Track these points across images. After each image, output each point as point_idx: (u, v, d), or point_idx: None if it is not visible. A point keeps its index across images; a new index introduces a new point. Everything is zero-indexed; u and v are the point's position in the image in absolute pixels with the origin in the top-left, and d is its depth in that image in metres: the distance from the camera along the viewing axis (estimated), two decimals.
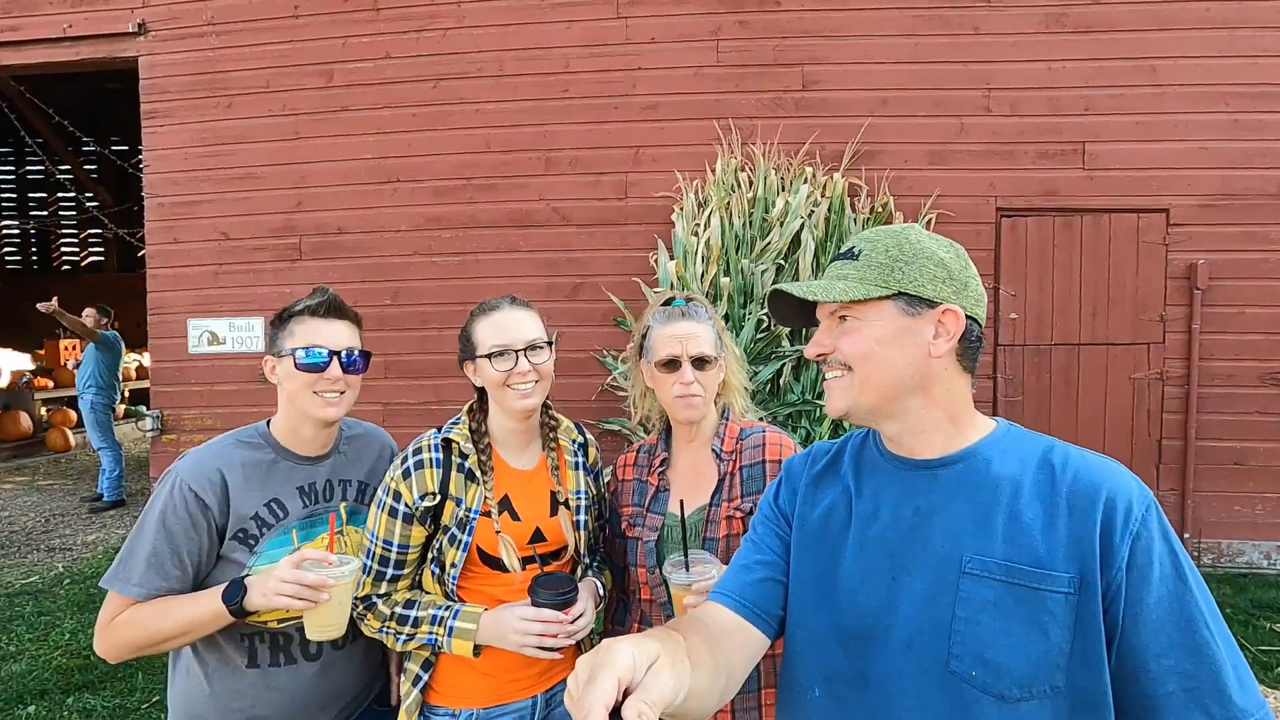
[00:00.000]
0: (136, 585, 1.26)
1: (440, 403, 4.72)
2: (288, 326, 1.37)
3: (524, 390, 1.36)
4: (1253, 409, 4.38)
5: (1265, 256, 4.35)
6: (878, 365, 0.87)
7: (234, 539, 1.31)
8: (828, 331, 0.92)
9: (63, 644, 3.55)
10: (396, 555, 1.35)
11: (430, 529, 1.37)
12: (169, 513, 1.27)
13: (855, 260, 0.89)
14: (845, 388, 0.89)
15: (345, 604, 1.26)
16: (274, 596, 1.19)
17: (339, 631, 1.27)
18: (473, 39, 4.74)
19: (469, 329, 1.42)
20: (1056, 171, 4.45)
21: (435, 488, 1.35)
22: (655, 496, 1.43)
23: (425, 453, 1.37)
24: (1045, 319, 4.49)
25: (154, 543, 1.27)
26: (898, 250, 0.88)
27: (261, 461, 1.37)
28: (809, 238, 4.00)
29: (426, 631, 1.32)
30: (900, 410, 0.88)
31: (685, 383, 1.37)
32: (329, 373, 1.35)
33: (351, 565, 1.25)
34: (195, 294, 4.98)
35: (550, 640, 1.28)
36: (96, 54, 5.08)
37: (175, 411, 5.02)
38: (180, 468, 1.32)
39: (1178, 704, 0.74)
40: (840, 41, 4.53)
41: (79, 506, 6.23)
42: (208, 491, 1.29)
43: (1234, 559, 4.39)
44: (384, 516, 1.35)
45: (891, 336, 0.86)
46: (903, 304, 0.86)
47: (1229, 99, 4.35)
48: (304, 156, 4.87)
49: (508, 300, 1.43)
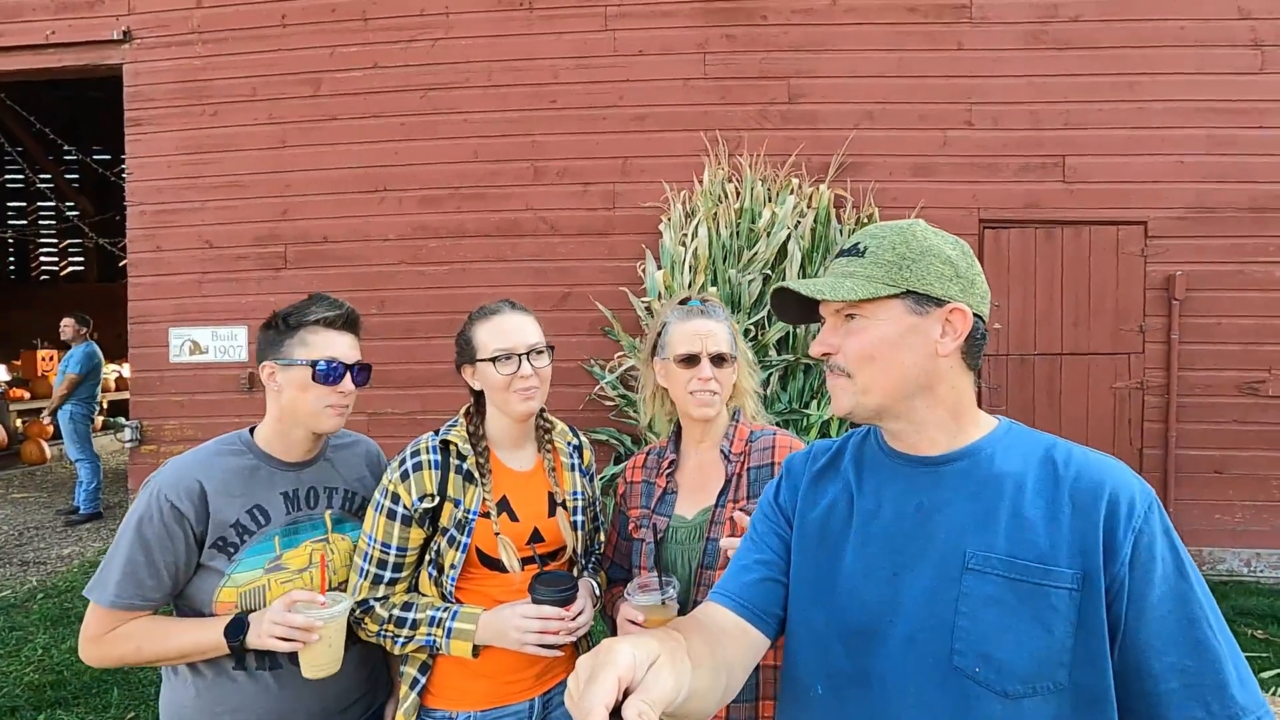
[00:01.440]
0: (113, 595, 1.24)
1: (426, 412, 4.68)
2: (298, 334, 1.34)
3: (527, 394, 1.37)
4: (1231, 418, 4.45)
5: (1240, 269, 4.44)
6: (884, 365, 0.85)
7: (213, 547, 1.29)
8: (833, 330, 0.90)
9: (35, 660, 3.45)
10: (395, 558, 1.34)
11: (428, 531, 1.36)
12: (145, 523, 1.26)
13: (861, 257, 0.88)
14: (850, 388, 0.88)
15: (338, 643, 1.26)
16: (266, 639, 1.20)
17: (334, 669, 1.26)
18: (461, 49, 4.75)
19: (468, 333, 1.42)
20: (1038, 184, 4.53)
21: (434, 489, 1.34)
22: (662, 498, 1.43)
23: (423, 455, 1.36)
24: (1028, 329, 4.54)
25: (130, 553, 1.25)
26: (905, 247, 0.86)
27: (243, 468, 1.35)
28: (795, 248, 4.04)
29: (425, 633, 1.31)
30: (905, 409, 0.88)
31: (703, 379, 1.37)
32: (343, 386, 1.35)
33: (342, 605, 1.25)
34: (177, 303, 4.92)
35: (551, 637, 1.27)
36: (80, 61, 5.03)
37: (155, 422, 4.94)
38: (159, 478, 1.31)
39: (1179, 700, 0.75)
40: (826, 55, 4.60)
41: (54, 520, 6.09)
42: (185, 501, 1.27)
43: (1215, 566, 4.43)
44: (382, 519, 1.34)
45: (899, 336, 0.85)
46: (911, 302, 0.85)
47: (1204, 115, 4.46)
48: (290, 165, 4.85)
49: (508, 305, 1.43)
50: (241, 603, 1.29)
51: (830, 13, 4.59)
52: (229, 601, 1.28)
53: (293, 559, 1.34)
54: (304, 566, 1.35)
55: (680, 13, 4.64)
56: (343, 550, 1.40)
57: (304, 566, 1.35)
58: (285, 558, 1.33)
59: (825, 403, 3.86)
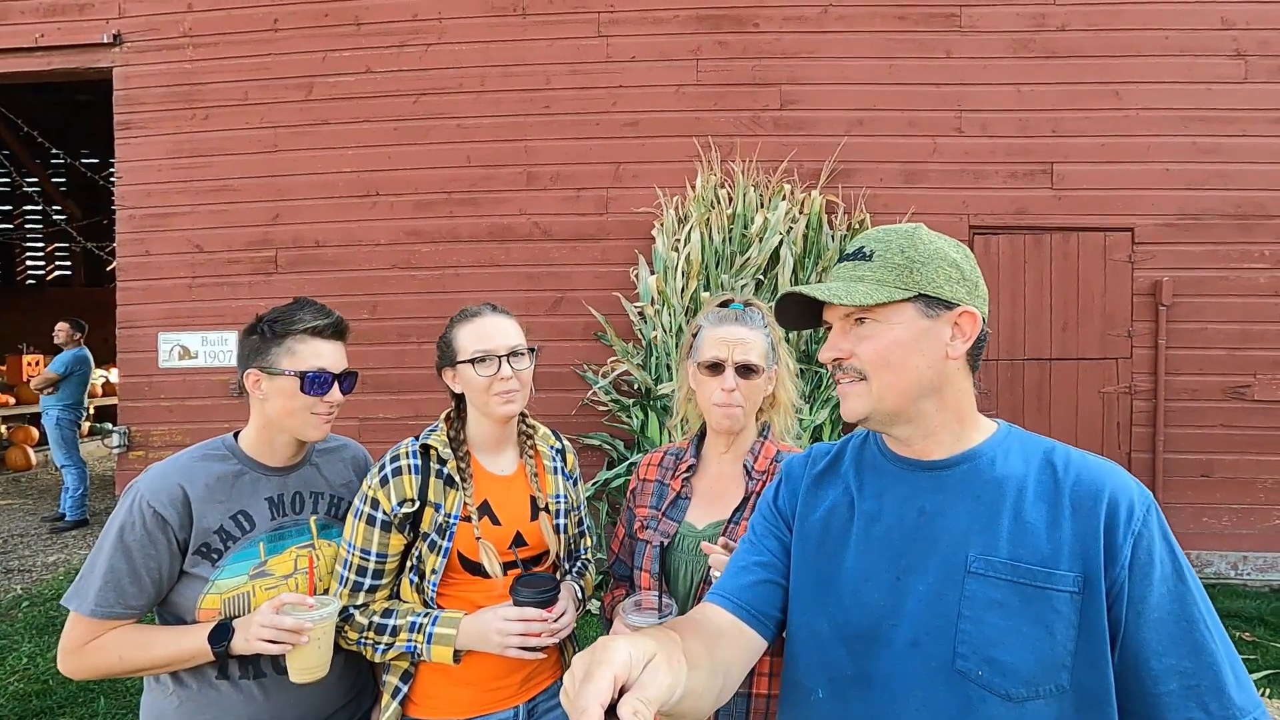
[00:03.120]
0: (93, 604, 1.22)
1: (418, 418, 4.66)
2: (285, 343, 1.32)
3: (507, 396, 1.36)
4: (1217, 422, 4.50)
5: (1225, 274, 4.50)
6: (899, 369, 0.85)
7: (196, 553, 1.27)
8: (843, 335, 0.89)
9: (20, 669, 3.41)
10: (375, 565, 1.33)
11: (409, 537, 1.35)
12: (127, 530, 1.24)
13: (869, 261, 0.87)
14: (865, 392, 0.87)
15: (327, 646, 1.25)
16: (254, 641, 1.18)
17: (322, 673, 1.25)
18: (454, 55, 4.75)
19: (449, 335, 1.41)
20: (1026, 191, 4.57)
21: (414, 494, 1.33)
22: (674, 502, 1.39)
23: (403, 460, 1.35)
24: (1018, 334, 4.58)
25: (111, 560, 1.23)
26: (913, 251, 0.86)
27: (227, 474, 1.33)
28: (788, 253, 4.05)
29: (405, 639, 1.30)
30: (916, 413, 0.88)
31: (726, 389, 1.30)
32: (330, 396, 1.34)
33: (331, 607, 1.24)
34: (167, 307, 4.88)
35: (534, 640, 1.26)
36: (69, 64, 5.00)
37: (143, 427, 4.89)
38: (141, 483, 1.28)
39: (1178, 702, 0.75)
40: (817, 62, 4.63)
41: (39, 527, 6.01)
42: (168, 508, 1.25)
43: (1202, 569, 4.47)
44: (361, 525, 1.33)
45: (913, 339, 0.85)
46: (922, 306, 0.85)
47: (1188, 123, 4.52)
48: (282, 169, 4.83)
49: (489, 308, 1.43)
50: (225, 609, 1.27)
51: (821, 20, 4.63)
52: (212, 609, 1.27)
53: (278, 565, 1.32)
54: (289, 573, 1.33)
55: (673, 19, 4.67)
56: (328, 556, 1.39)
57: (289, 573, 1.33)
58: (270, 564, 1.32)
59: (818, 407, 3.88)
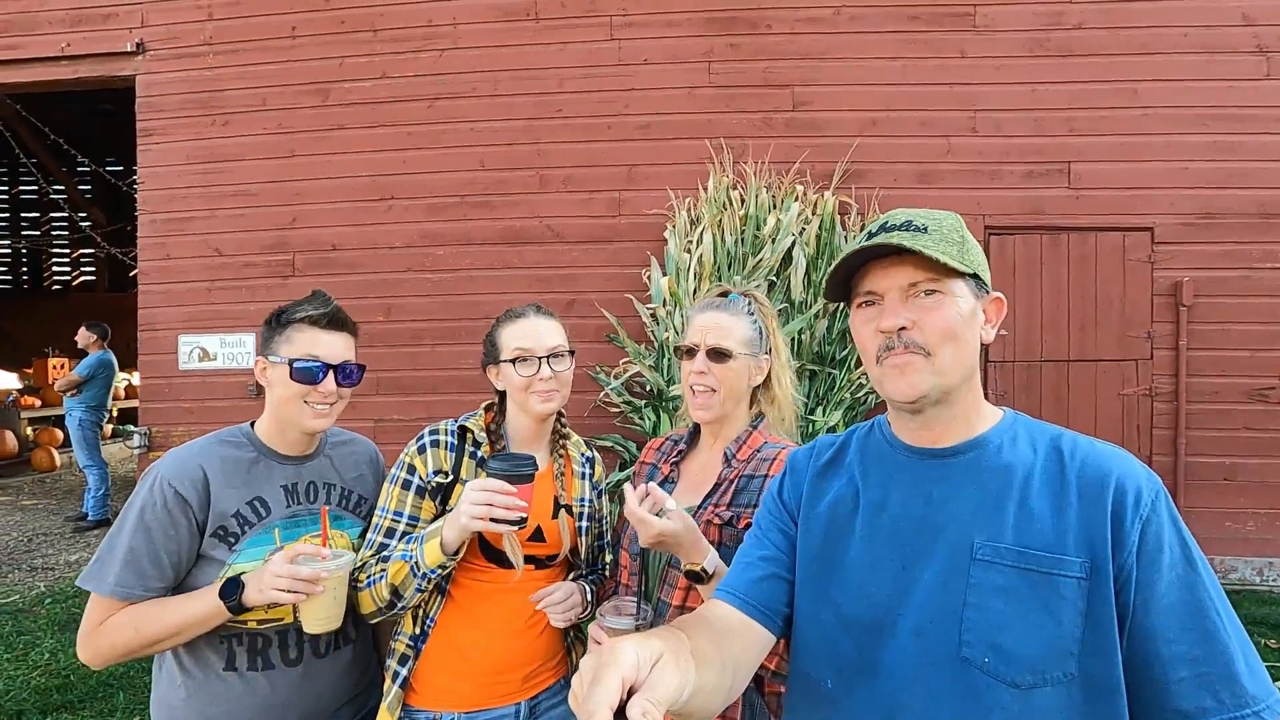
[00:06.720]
0: (113, 585, 1.22)
1: (432, 419, 4.60)
2: (285, 332, 1.35)
3: (546, 394, 1.40)
4: (1240, 425, 4.41)
5: (1247, 274, 4.42)
6: (960, 345, 0.84)
7: (214, 536, 1.29)
8: (903, 304, 0.84)
9: (41, 664, 3.47)
10: (405, 526, 1.36)
11: (438, 509, 1.37)
12: (148, 510, 1.25)
13: (925, 233, 0.83)
14: (927, 367, 0.83)
15: (340, 597, 1.26)
16: (269, 590, 1.18)
17: (335, 624, 1.27)
18: (468, 59, 4.80)
19: (494, 334, 1.46)
20: (1042, 191, 4.52)
21: (448, 467, 1.38)
22: (661, 485, 1.41)
23: (442, 434, 1.42)
24: (1035, 336, 4.53)
25: (131, 540, 1.24)
26: (960, 231, 0.85)
27: (243, 459, 1.35)
28: (800, 255, 4.04)
29: (401, 551, 1.29)
30: (958, 395, 0.87)
31: (696, 372, 1.31)
32: (323, 386, 1.35)
33: (345, 558, 1.26)
34: (187, 310, 4.96)
35: (502, 512, 1.18)
36: (94, 73, 5.11)
37: (164, 428, 4.97)
38: (161, 466, 1.31)
39: (1189, 689, 0.74)
40: (829, 64, 4.62)
41: (63, 526, 6.13)
42: (188, 488, 1.26)
43: (1226, 575, 4.38)
44: (396, 489, 1.38)
45: (971, 315, 0.85)
46: (973, 285, 0.85)
47: (1208, 121, 4.45)
48: (299, 174, 4.90)
49: (533, 309, 1.47)
50: None
51: (834, 21, 4.62)
52: None
53: None
54: None
55: (685, 22, 4.68)
56: (340, 547, 1.40)
57: None
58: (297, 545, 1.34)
59: (830, 408, 3.86)
